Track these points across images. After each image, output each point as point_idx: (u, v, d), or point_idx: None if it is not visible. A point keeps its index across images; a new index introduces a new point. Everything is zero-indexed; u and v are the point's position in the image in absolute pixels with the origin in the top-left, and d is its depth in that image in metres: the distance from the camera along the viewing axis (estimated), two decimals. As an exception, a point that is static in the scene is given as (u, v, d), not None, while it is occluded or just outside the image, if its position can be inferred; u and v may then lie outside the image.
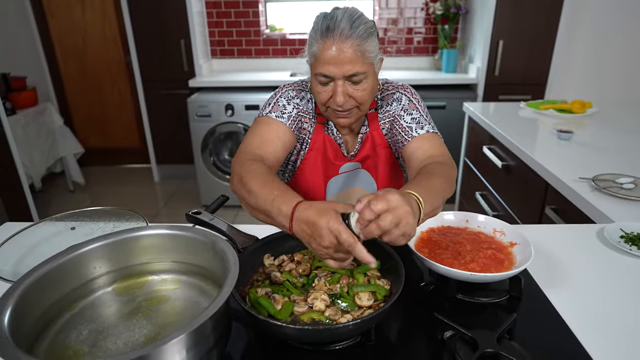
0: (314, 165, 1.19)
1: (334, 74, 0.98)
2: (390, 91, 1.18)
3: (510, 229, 0.97)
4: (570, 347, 0.73)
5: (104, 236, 0.76)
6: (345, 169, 1.20)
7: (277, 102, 1.13)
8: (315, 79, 1.03)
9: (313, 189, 1.21)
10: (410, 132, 1.10)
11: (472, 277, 0.81)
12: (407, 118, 1.12)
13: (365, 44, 0.97)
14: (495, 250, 0.92)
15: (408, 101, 1.15)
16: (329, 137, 1.18)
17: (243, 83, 3.30)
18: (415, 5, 3.59)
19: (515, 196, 1.81)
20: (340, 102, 1.01)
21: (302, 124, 1.16)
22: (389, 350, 0.73)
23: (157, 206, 3.44)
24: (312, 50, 1.00)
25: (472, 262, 0.88)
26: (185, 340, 0.57)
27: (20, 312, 0.61)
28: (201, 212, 0.99)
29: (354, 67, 0.97)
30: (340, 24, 0.95)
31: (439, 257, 0.90)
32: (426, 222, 0.98)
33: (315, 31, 0.99)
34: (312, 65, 1.03)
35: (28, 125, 3.08)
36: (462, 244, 0.94)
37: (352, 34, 0.95)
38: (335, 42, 0.95)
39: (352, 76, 0.98)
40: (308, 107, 1.16)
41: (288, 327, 0.66)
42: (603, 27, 3.35)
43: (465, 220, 1.03)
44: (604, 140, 1.80)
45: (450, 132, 3.07)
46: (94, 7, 3.69)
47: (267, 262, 0.90)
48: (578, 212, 1.29)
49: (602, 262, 0.98)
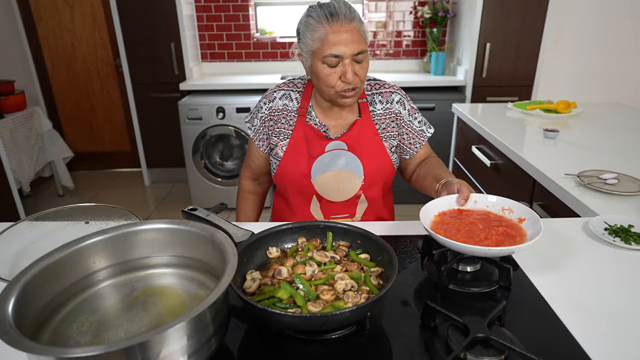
0: (296, 150, 1.25)
1: (344, 53, 1.09)
2: (388, 89, 1.28)
3: (517, 206, 1.01)
4: (558, 332, 0.76)
5: (103, 231, 0.77)
6: (330, 147, 1.24)
7: (252, 119, 1.34)
8: (322, 62, 1.12)
9: (298, 170, 1.25)
10: (423, 133, 1.32)
11: (490, 251, 0.84)
12: (416, 122, 1.31)
13: (363, 26, 1.12)
14: (506, 227, 0.96)
15: (410, 106, 1.31)
16: (310, 125, 1.25)
17: (234, 86, 3.31)
18: (403, 9, 3.64)
19: (504, 194, 1.84)
20: (351, 79, 1.11)
21: (277, 123, 1.28)
22: (384, 337, 0.75)
23: (148, 210, 3.43)
24: (318, 36, 1.10)
25: (486, 239, 0.92)
26: (185, 328, 0.59)
27: (21, 305, 0.61)
28: (197, 209, 1.01)
29: (360, 45, 1.10)
30: (341, 9, 1.09)
31: (454, 237, 0.93)
32: (438, 207, 1.05)
33: (316, 19, 1.10)
34: (316, 50, 1.11)
35: (16, 130, 3.05)
36: (474, 224, 0.98)
37: (354, 17, 1.10)
38: (342, 25, 1.08)
39: (358, 54, 1.10)
40: (291, 104, 1.28)
41: (286, 315, 0.68)
42: (587, 31, 3.44)
43: (474, 202, 1.06)
44: (589, 138, 1.85)
45: (440, 132, 3.09)
46: (83, 11, 3.68)
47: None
48: (564, 207, 1.33)
49: (588, 253, 1.01)
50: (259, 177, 1.45)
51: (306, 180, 1.24)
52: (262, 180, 1.46)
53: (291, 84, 1.31)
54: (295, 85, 1.31)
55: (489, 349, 0.68)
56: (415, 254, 1.02)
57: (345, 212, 1.28)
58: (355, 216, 1.29)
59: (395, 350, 0.72)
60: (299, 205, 1.29)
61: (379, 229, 1.12)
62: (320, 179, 1.24)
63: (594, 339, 0.74)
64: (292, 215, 1.31)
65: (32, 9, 3.64)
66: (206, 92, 3.34)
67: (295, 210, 1.30)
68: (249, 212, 1.47)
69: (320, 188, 1.25)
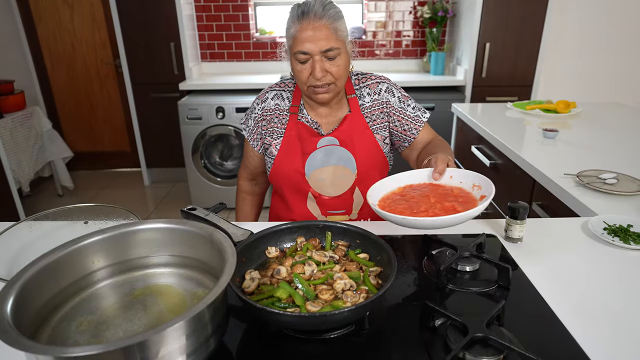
0: (289, 147, 1.27)
1: (311, 50, 1.12)
2: (374, 80, 1.30)
3: (486, 184, 0.94)
4: (556, 331, 0.75)
5: (102, 230, 0.77)
6: (322, 143, 1.26)
7: (247, 120, 1.35)
8: (294, 58, 1.16)
9: (292, 167, 1.27)
10: (419, 118, 1.31)
11: (416, 222, 0.82)
12: (409, 109, 1.30)
13: (336, 23, 1.13)
14: (462, 203, 0.91)
15: (400, 93, 1.30)
16: (302, 123, 1.27)
17: (233, 86, 3.31)
18: (403, 9, 3.64)
19: (503, 193, 1.85)
20: (318, 75, 1.13)
21: (270, 122, 1.31)
22: (383, 337, 0.75)
23: (147, 210, 3.43)
24: (290, 33, 1.14)
25: (424, 212, 0.89)
26: (184, 327, 0.59)
27: (20, 305, 0.61)
28: (196, 208, 1.01)
29: (329, 42, 1.12)
30: (314, 7, 1.12)
31: (395, 210, 0.91)
32: (407, 179, 1.03)
33: (291, 17, 1.15)
34: (290, 47, 1.16)
35: (16, 129, 3.05)
36: (428, 197, 0.96)
37: (325, 15, 1.11)
38: (310, 22, 1.11)
39: (328, 51, 1.12)
40: (282, 103, 1.30)
41: (285, 315, 0.68)
42: (587, 30, 3.44)
43: (449, 177, 1.01)
44: (588, 138, 1.85)
45: (439, 132, 3.06)
46: (82, 11, 3.68)
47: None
48: (563, 206, 1.33)
49: (587, 253, 1.01)
50: (257, 177, 1.47)
51: (300, 177, 1.26)
52: (259, 180, 1.48)
53: (283, 84, 1.34)
54: (286, 85, 1.34)
55: (487, 348, 0.68)
56: (414, 253, 1.02)
57: (341, 207, 1.29)
58: (352, 213, 1.30)
59: (394, 349, 0.72)
60: (295, 203, 1.30)
61: (378, 229, 1.12)
62: (314, 175, 1.26)
63: (592, 338, 0.74)
64: (290, 213, 1.31)
65: (32, 9, 3.64)
66: (206, 92, 3.34)
67: (292, 208, 1.31)
68: (248, 213, 1.49)
69: (315, 184, 1.26)
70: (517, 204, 1.02)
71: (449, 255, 0.98)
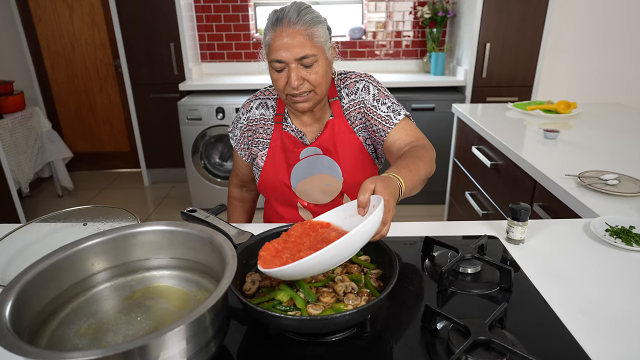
0: (275, 159, 1.25)
1: (286, 58, 1.06)
2: (353, 79, 1.23)
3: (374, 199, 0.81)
4: (559, 334, 0.75)
5: (101, 233, 0.76)
6: (305, 154, 1.22)
7: (234, 129, 1.32)
8: (271, 67, 1.11)
9: (278, 179, 1.25)
10: (390, 119, 1.18)
11: None
12: (383, 108, 1.19)
13: (312, 29, 1.06)
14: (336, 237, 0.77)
15: (377, 90, 1.21)
16: (286, 132, 1.24)
17: (233, 86, 3.30)
18: (403, 9, 3.64)
19: (504, 195, 1.85)
20: (294, 84, 1.08)
21: (256, 133, 1.28)
22: (384, 340, 0.75)
23: (147, 210, 3.42)
24: (266, 41, 1.10)
25: (310, 249, 0.77)
26: (185, 331, 0.58)
27: (19, 308, 0.61)
28: (196, 210, 1.00)
29: (304, 49, 1.05)
30: (288, 13, 1.06)
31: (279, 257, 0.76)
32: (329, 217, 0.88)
33: (267, 24, 1.09)
34: (267, 54, 1.11)
35: (15, 130, 3.05)
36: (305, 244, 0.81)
37: (299, 21, 1.05)
38: (284, 29, 1.05)
39: (303, 58, 1.06)
40: (267, 112, 1.27)
41: (286, 318, 0.68)
42: (587, 31, 3.44)
43: (372, 206, 0.82)
44: (589, 139, 1.84)
45: (440, 133, 3.12)
46: (82, 11, 3.67)
47: None
48: (565, 208, 1.32)
49: (589, 255, 1.00)
50: (247, 184, 1.45)
51: (287, 189, 1.24)
52: (250, 187, 1.47)
53: (267, 92, 1.29)
54: (270, 92, 1.29)
55: (490, 351, 0.68)
56: (415, 255, 1.01)
57: None
58: None
59: (395, 352, 0.72)
60: (286, 212, 1.29)
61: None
62: (300, 186, 1.23)
63: (595, 340, 0.73)
64: (282, 220, 1.30)
65: (32, 9, 3.63)
66: (206, 92, 3.33)
67: (283, 216, 1.30)
68: (238, 220, 1.48)
69: (303, 194, 1.24)
70: (518, 206, 1.02)
71: (450, 257, 0.97)
